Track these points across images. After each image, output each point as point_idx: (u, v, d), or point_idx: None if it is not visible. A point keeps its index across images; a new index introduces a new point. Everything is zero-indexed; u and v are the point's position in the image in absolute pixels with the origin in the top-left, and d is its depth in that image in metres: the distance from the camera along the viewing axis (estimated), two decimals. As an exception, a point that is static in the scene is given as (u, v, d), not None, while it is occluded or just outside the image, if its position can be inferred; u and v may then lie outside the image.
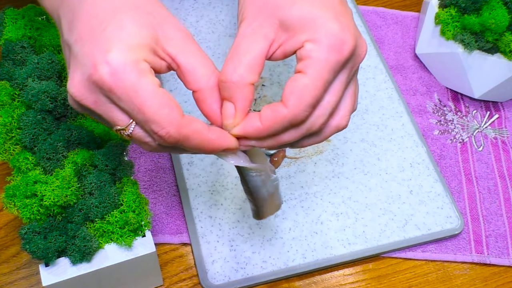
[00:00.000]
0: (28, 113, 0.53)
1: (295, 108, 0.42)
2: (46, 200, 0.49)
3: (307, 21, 0.43)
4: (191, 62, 0.43)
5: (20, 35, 0.59)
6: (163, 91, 0.41)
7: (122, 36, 0.40)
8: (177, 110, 0.40)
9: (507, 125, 0.74)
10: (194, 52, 0.43)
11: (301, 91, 0.42)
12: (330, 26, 0.42)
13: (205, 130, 0.42)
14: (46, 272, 0.50)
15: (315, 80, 0.42)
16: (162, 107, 0.40)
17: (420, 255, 0.64)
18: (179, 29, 0.43)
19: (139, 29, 0.41)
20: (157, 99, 0.40)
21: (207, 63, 0.43)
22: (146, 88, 0.39)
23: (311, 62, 0.42)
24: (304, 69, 0.42)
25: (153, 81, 0.40)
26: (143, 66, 0.40)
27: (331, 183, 0.67)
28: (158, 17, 0.43)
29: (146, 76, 0.40)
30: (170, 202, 0.65)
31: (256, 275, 0.60)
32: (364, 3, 0.83)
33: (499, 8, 0.67)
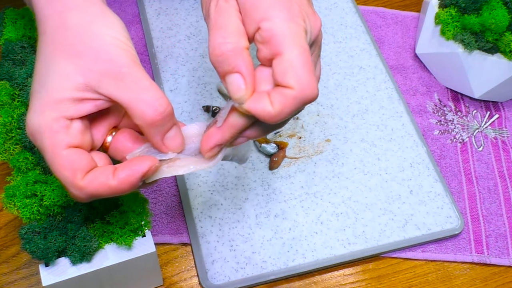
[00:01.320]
0: (28, 113, 0.53)
1: (301, 84, 0.41)
2: (46, 200, 0.49)
3: None
4: (127, 99, 0.42)
5: (20, 35, 0.60)
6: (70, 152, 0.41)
7: (41, 94, 0.42)
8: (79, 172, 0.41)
9: (507, 125, 0.74)
10: (130, 87, 0.41)
11: (290, 66, 0.41)
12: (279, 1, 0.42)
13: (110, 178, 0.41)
14: (46, 272, 0.50)
15: (295, 49, 0.41)
16: (64, 169, 0.41)
17: (420, 255, 0.64)
18: (112, 63, 0.42)
19: (62, 81, 0.41)
20: (58, 161, 0.41)
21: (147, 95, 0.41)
22: (52, 151, 0.41)
23: (279, 39, 0.41)
24: (277, 50, 0.41)
25: (61, 141, 0.41)
26: (56, 126, 0.41)
27: (331, 183, 0.67)
28: (89, 57, 0.42)
29: (54, 138, 0.41)
30: (170, 202, 0.65)
31: (256, 275, 0.60)
32: (364, 3, 0.83)
33: (499, 8, 0.67)
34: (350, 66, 0.76)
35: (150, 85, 0.42)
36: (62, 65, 0.42)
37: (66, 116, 0.42)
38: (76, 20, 0.43)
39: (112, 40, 0.42)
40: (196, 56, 0.75)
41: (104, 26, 0.43)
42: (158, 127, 0.42)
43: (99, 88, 0.42)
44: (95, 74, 0.42)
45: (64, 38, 0.43)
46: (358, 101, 0.73)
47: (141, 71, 0.42)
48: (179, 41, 0.76)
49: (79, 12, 0.43)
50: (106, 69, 0.41)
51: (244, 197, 0.65)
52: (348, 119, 0.71)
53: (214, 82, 0.73)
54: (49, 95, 0.41)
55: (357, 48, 0.78)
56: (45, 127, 0.41)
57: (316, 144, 0.69)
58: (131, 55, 0.43)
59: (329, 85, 0.74)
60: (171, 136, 0.43)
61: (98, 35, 0.42)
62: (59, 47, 0.43)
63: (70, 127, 0.42)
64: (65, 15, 0.43)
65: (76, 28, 0.43)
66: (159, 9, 0.79)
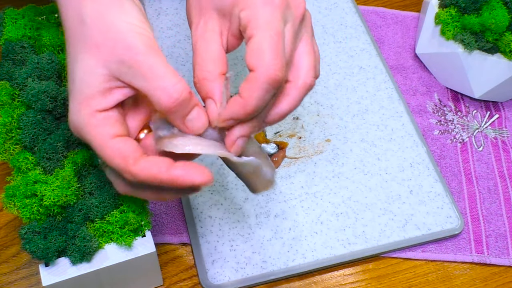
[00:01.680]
0: (28, 113, 0.53)
1: (262, 67, 0.42)
2: (46, 200, 0.49)
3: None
4: (144, 87, 0.42)
5: (20, 35, 0.59)
6: (115, 141, 0.43)
7: (74, 93, 0.43)
8: (129, 158, 0.43)
9: (507, 125, 0.74)
10: (146, 74, 0.42)
11: (257, 50, 0.42)
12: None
13: (163, 172, 0.43)
14: (46, 272, 0.50)
15: (264, 32, 0.42)
16: (114, 158, 0.43)
17: (420, 255, 0.64)
18: (129, 51, 0.42)
19: (88, 76, 0.43)
20: (107, 152, 0.43)
21: (162, 82, 0.42)
22: (99, 144, 0.43)
23: (253, 23, 0.43)
24: (250, 33, 0.43)
25: (105, 132, 0.43)
26: (94, 121, 0.43)
27: (331, 183, 0.67)
28: (107, 48, 0.42)
29: (96, 131, 0.43)
30: (170, 202, 0.65)
31: (256, 275, 0.60)
32: (364, 3, 0.83)
33: (499, 8, 0.67)
34: (350, 66, 0.76)
35: (166, 71, 0.42)
36: (85, 60, 0.43)
37: (100, 109, 0.43)
38: (91, 12, 0.43)
39: (127, 26, 0.43)
40: (196, 56, 0.75)
41: (119, 13, 0.43)
42: (176, 112, 0.43)
43: (120, 76, 0.42)
44: (115, 64, 0.42)
45: (81, 32, 0.43)
46: (358, 101, 0.73)
47: (157, 57, 0.42)
48: (179, 41, 0.76)
49: (93, 3, 0.43)
50: (123, 58, 0.42)
51: (244, 197, 0.65)
52: (348, 119, 0.71)
53: (214, 82, 0.73)
54: (80, 93, 0.43)
55: (357, 48, 0.78)
56: (85, 124, 0.43)
57: (316, 144, 0.69)
58: (147, 40, 0.43)
59: (329, 85, 0.74)
60: (191, 118, 0.44)
61: (114, 23, 0.42)
62: (79, 42, 0.43)
63: (108, 118, 0.43)
64: (80, 8, 0.43)
65: (91, 20, 0.43)
66: (159, 9, 0.79)
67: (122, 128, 0.44)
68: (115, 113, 0.44)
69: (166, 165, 0.43)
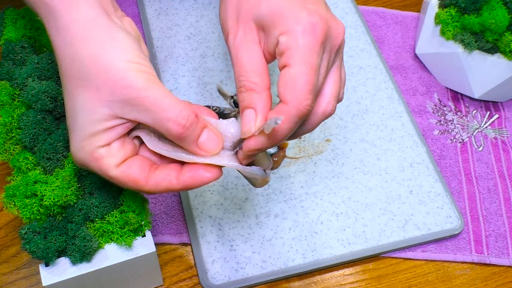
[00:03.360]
0: (28, 113, 0.53)
1: (294, 101, 0.42)
2: (46, 200, 0.49)
3: (276, 15, 0.44)
4: (151, 120, 0.44)
5: (20, 35, 0.59)
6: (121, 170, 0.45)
7: (76, 132, 0.45)
8: (140, 180, 0.45)
9: (507, 125, 0.74)
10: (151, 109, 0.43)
11: (291, 82, 0.42)
12: (298, 14, 0.43)
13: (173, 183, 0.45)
14: (46, 272, 0.50)
15: (300, 66, 0.42)
16: (126, 184, 0.45)
17: (420, 255, 0.64)
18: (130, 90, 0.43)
19: (90, 116, 0.44)
20: (117, 180, 0.45)
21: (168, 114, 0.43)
22: (106, 174, 0.45)
23: (290, 52, 0.43)
24: (287, 62, 0.43)
25: (111, 163, 0.44)
26: (97, 155, 0.44)
27: (331, 183, 0.67)
28: (107, 89, 0.43)
29: (101, 165, 0.45)
30: (170, 202, 0.65)
31: (256, 275, 0.60)
32: (364, 3, 0.83)
33: (499, 8, 0.67)
34: (350, 66, 0.76)
35: (170, 102, 0.43)
36: (86, 101, 0.44)
37: (102, 144, 0.44)
38: (87, 53, 0.44)
39: (125, 65, 0.43)
40: (196, 56, 0.75)
41: (115, 51, 0.44)
42: (187, 138, 0.44)
43: (124, 114, 0.43)
44: (117, 104, 0.43)
45: (80, 73, 0.44)
46: (358, 101, 0.73)
47: (159, 90, 0.43)
48: (179, 41, 0.76)
49: (87, 43, 0.44)
50: (126, 97, 0.43)
51: (244, 197, 0.65)
52: (348, 119, 0.71)
53: (214, 82, 0.73)
54: (82, 131, 0.44)
55: (357, 48, 0.78)
56: (89, 159, 0.45)
57: (316, 144, 0.69)
58: (147, 76, 0.43)
59: (329, 85, 0.74)
60: (203, 140, 0.45)
61: (111, 64, 0.43)
62: (78, 82, 0.44)
63: (110, 149, 0.45)
64: (75, 49, 0.44)
65: (89, 62, 0.43)
66: (159, 9, 0.79)
67: (125, 151, 0.45)
68: (117, 143, 0.45)
69: (175, 174, 0.45)
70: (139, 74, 0.43)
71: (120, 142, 0.45)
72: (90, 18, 0.45)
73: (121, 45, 0.44)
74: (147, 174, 0.45)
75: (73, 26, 0.44)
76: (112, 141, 0.45)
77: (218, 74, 0.74)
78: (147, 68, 0.44)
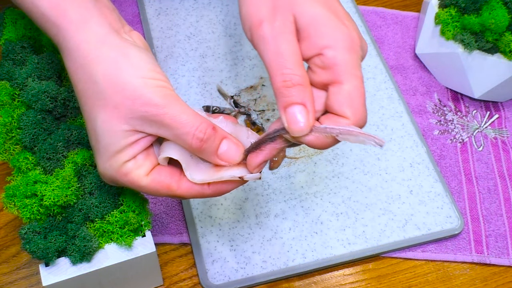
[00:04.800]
0: (28, 113, 0.53)
1: (356, 116, 0.43)
2: (46, 200, 0.49)
3: (319, 23, 0.44)
4: (170, 136, 0.44)
5: (20, 35, 0.59)
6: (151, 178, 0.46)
7: (100, 152, 0.46)
8: (172, 185, 0.46)
9: (507, 125, 0.74)
10: (170, 125, 0.44)
11: (349, 98, 0.43)
12: (342, 30, 0.44)
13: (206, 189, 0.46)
14: (46, 272, 0.50)
15: (354, 80, 0.44)
16: (158, 192, 0.46)
17: (420, 255, 0.64)
18: (149, 107, 0.43)
19: (112, 135, 0.44)
20: (149, 189, 0.46)
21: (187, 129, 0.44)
22: (138, 186, 0.46)
23: (340, 69, 0.43)
24: (337, 78, 0.43)
25: (140, 174, 0.45)
26: (125, 170, 0.45)
27: (331, 183, 0.67)
28: (126, 107, 0.43)
29: (131, 178, 0.45)
30: (170, 202, 0.65)
31: (256, 275, 0.60)
32: (364, 3, 0.83)
33: (499, 8, 0.67)
34: (350, 66, 0.76)
35: (187, 117, 0.44)
36: (106, 120, 0.44)
37: (128, 159, 0.45)
38: (101, 74, 0.44)
39: (141, 82, 0.44)
40: (196, 56, 0.75)
41: (129, 69, 0.44)
42: (206, 150, 0.45)
43: (144, 129, 0.44)
44: (137, 120, 0.44)
45: (96, 93, 0.44)
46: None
47: (176, 105, 0.44)
48: (179, 41, 0.76)
49: (100, 63, 0.44)
50: (145, 114, 0.43)
51: (244, 197, 0.65)
52: (348, 119, 0.71)
53: (214, 82, 0.73)
54: (107, 151, 0.45)
55: (357, 48, 0.78)
56: (118, 175, 0.45)
57: (316, 144, 0.69)
58: (164, 90, 0.44)
59: (329, 85, 0.74)
60: (223, 152, 0.45)
61: (127, 82, 0.44)
62: (96, 102, 0.44)
63: (137, 161, 0.45)
64: (90, 69, 0.44)
65: (104, 82, 0.44)
66: (159, 9, 0.79)
67: (151, 161, 0.46)
68: (142, 154, 0.46)
69: None
70: (156, 90, 0.43)
71: (144, 154, 0.46)
72: (100, 37, 0.45)
73: (135, 61, 0.44)
74: (178, 179, 0.46)
75: (84, 47, 0.45)
76: (137, 154, 0.45)
77: (218, 74, 0.74)
78: (162, 82, 0.44)
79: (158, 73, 0.45)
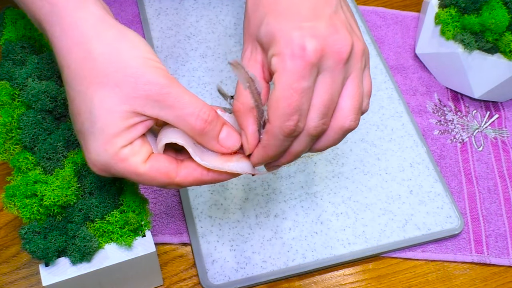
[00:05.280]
0: (28, 113, 0.53)
1: (276, 121, 0.43)
2: (46, 200, 0.49)
3: (271, 36, 0.45)
4: (173, 117, 0.44)
5: (20, 35, 0.59)
6: (149, 165, 0.44)
7: (96, 135, 0.43)
8: (170, 173, 0.45)
9: (507, 125, 0.74)
10: (173, 105, 0.43)
11: (275, 103, 0.43)
12: (288, 37, 0.43)
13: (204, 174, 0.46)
14: (46, 272, 0.50)
15: (284, 90, 0.43)
16: (156, 180, 0.45)
17: (420, 255, 0.64)
18: (152, 85, 0.43)
19: (110, 115, 0.43)
20: (146, 178, 0.44)
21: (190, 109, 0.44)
22: (134, 173, 0.44)
23: (277, 75, 0.44)
24: (275, 83, 0.44)
25: (137, 161, 0.44)
26: (122, 155, 0.43)
27: (331, 183, 0.67)
28: (128, 85, 0.43)
29: (128, 164, 0.44)
30: (170, 202, 0.65)
31: (256, 275, 0.60)
32: (364, 3, 0.83)
33: (499, 8, 0.67)
34: (350, 66, 0.76)
35: (190, 98, 0.43)
36: (105, 99, 0.43)
37: (125, 144, 0.44)
38: (102, 49, 0.43)
39: (144, 61, 0.43)
40: (196, 56, 0.75)
41: (130, 48, 0.44)
42: (209, 133, 0.44)
43: (145, 111, 0.43)
44: (139, 100, 0.43)
45: (95, 70, 0.43)
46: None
47: (178, 87, 0.44)
48: (179, 41, 0.76)
49: (100, 40, 0.44)
50: (148, 93, 0.43)
51: (244, 197, 0.65)
52: (348, 119, 0.71)
53: (214, 82, 0.73)
54: (103, 133, 0.43)
55: (357, 48, 0.78)
56: (114, 161, 0.44)
57: (316, 144, 0.69)
58: (164, 72, 0.44)
59: (329, 85, 0.74)
60: (224, 137, 0.45)
61: (130, 60, 0.43)
62: (93, 80, 0.43)
63: (133, 148, 0.44)
64: (88, 46, 0.44)
65: (105, 58, 0.43)
66: (159, 9, 0.79)
67: (147, 148, 0.45)
68: (139, 140, 0.45)
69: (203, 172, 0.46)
70: (157, 70, 0.43)
71: (141, 140, 0.45)
72: (99, 18, 0.44)
73: (134, 42, 0.44)
74: (176, 166, 0.45)
75: (82, 24, 0.44)
76: (134, 140, 0.44)
77: (218, 74, 0.74)
78: (161, 65, 0.44)
79: (156, 57, 0.45)
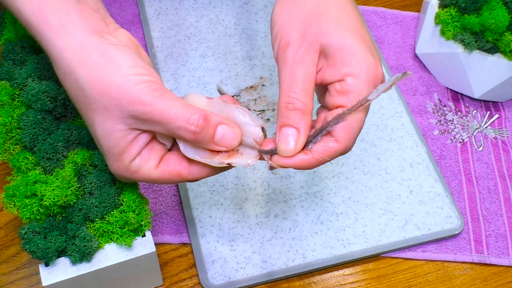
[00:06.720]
0: (28, 113, 0.53)
1: (347, 142, 0.46)
2: (46, 200, 0.49)
3: (346, 52, 0.46)
4: (163, 131, 0.45)
5: (20, 35, 0.60)
6: (160, 169, 0.47)
7: (106, 156, 0.47)
8: (182, 172, 0.47)
9: (507, 125, 0.74)
10: (161, 121, 0.44)
11: (351, 124, 0.45)
12: (369, 61, 0.46)
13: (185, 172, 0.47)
14: (46, 272, 0.50)
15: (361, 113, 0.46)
16: (171, 180, 0.47)
17: (420, 255, 0.64)
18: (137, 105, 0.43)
19: (111, 137, 0.45)
20: (162, 180, 0.47)
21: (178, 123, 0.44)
22: (149, 179, 0.47)
23: (355, 97, 0.45)
24: (348, 105, 0.45)
25: (150, 168, 0.46)
26: (133, 168, 0.46)
27: (331, 183, 0.67)
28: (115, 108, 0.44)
29: (141, 173, 0.46)
30: (170, 202, 0.65)
31: (256, 275, 0.60)
32: (364, 3, 0.83)
33: (499, 8, 0.67)
34: (350, 66, 0.76)
35: (176, 111, 0.44)
36: (101, 123, 0.45)
37: (133, 158, 0.46)
38: (86, 77, 0.44)
39: (124, 80, 0.44)
40: (196, 56, 0.75)
41: (112, 69, 0.44)
42: (202, 140, 0.45)
43: (139, 127, 0.45)
44: (129, 119, 0.44)
45: (86, 97, 0.45)
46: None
47: (164, 99, 0.44)
48: (179, 41, 0.76)
49: (83, 67, 0.44)
50: (134, 113, 0.44)
51: (244, 197, 0.65)
52: (348, 119, 0.71)
53: (214, 82, 0.73)
54: (111, 153, 0.46)
55: (357, 48, 0.78)
56: (128, 173, 0.47)
57: (316, 144, 0.69)
58: (148, 84, 0.44)
59: (329, 85, 0.74)
60: (219, 138, 0.46)
61: (111, 83, 0.44)
62: (88, 106, 0.45)
63: (142, 157, 0.46)
64: (74, 76, 0.45)
65: (90, 85, 0.44)
66: (159, 9, 0.79)
67: (157, 153, 0.47)
68: (146, 148, 0.46)
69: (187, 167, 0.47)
70: (140, 86, 0.43)
71: (148, 148, 0.46)
72: (79, 42, 0.45)
73: (116, 61, 0.44)
74: (187, 165, 0.47)
75: (65, 55, 0.45)
76: (140, 150, 0.46)
77: (218, 74, 0.74)
78: (146, 76, 0.44)
79: (140, 68, 0.45)
